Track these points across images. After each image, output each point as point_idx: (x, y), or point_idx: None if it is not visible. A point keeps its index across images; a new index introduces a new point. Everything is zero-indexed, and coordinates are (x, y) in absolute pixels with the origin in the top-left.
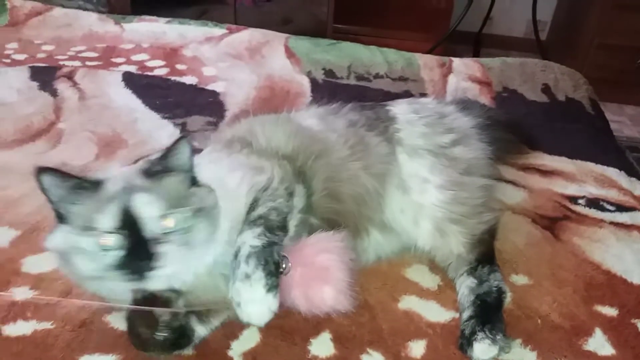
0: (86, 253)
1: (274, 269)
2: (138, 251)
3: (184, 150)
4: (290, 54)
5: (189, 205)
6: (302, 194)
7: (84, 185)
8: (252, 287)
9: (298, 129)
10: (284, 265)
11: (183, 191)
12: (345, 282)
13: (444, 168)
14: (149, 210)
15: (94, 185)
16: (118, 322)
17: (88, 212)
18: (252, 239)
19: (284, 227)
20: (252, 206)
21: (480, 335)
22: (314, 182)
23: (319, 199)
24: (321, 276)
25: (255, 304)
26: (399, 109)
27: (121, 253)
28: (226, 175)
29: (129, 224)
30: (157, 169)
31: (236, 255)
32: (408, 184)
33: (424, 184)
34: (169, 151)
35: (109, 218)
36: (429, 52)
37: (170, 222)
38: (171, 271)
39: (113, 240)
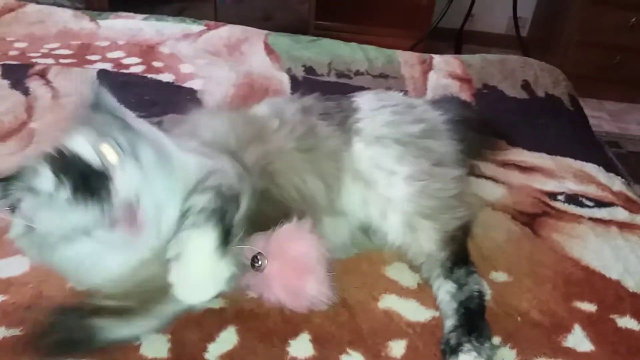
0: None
1: (226, 232)
2: (91, 194)
3: (103, 95)
4: (269, 50)
5: (126, 137)
6: (250, 185)
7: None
8: (200, 235)
9: (239, 118)
10: (259, 262)
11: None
12: (323, 271)
13: (414, 158)
14: (82, 141)
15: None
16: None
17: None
18: (201, 202)
19: (236, 201)
20: (202, 179)
21: (466, 346)
22: (258, 178)
23: (262, 190)
24: (299, 267)
25: (198, 265)
26: (363, 99)
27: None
28: (173, 151)
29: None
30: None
31: (182, 217)
32: (372, 177)
33: (390, 177)
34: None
35: (45, 176)
36: (411, 48)
37: (109, 150)
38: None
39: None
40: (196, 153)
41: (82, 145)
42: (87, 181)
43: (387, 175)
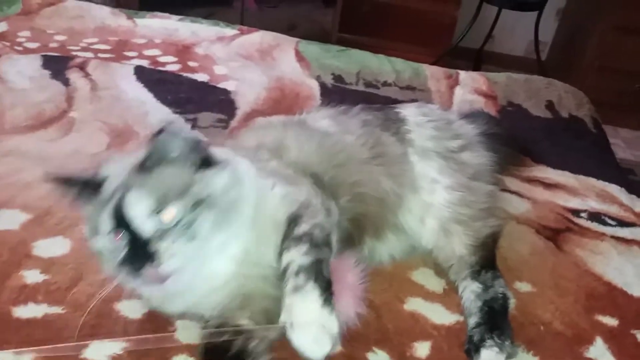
0: (103, 255)
1: (326, 284)
2: (137, 251)
3: (170, 139)
4: (300, 57)
5: (191, 194)
6: (336, 210)
7: (88, 187)
8: (305, 298)
9: (322, 141)
10: None
11: (185, 179)
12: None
13: (453, 172)
14: (138, 208)
15: (96, 186)
16: (128, 310)
17: (94, 215)
18: (300, 256)
19: (328, 244)
20: (294, 221)
21: (489, 342)
22: (340, 190)
23: (345, 203)
24: (346, 290)
25: (311, 325)
26: (407, 111)
27: (124, 253)
28: (256, 177)
29: (125, 224)
30: (150, 162)
31: (284, 274)
32: (418, 184)
33: (433, 184)
34: (153, 145)
35: (106, 220)
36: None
37: (168, 216)
38: (175, 267)
39: (114, 241)
40: (279, 178)
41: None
42: (136, 249)
43: (430, 183)
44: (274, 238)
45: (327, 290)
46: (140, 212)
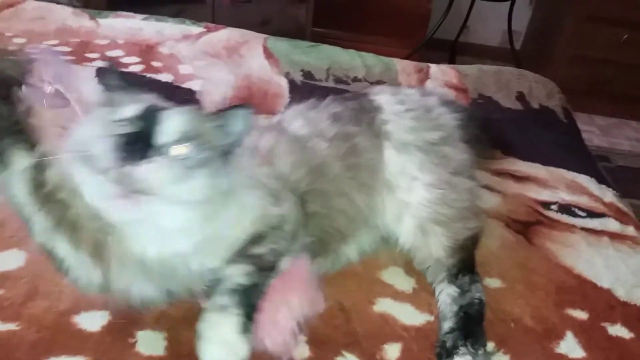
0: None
1: (252, 313)
2: (141, 138)
3: (242, 121)
4: (268, 54)
5: (207, 156)
6: (303, 236)
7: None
8: (226, 321)
9: (302, 152)
10: None
11: (215, 141)
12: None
13: (434, 167)
14: (173, 124)
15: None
16: (86, 323)
17: (120, 98)
18: (239, 275)
19: (274, 269)
20: (256, 241)
21: (462, 350)
22: (312, 202)
23: (315, 216)
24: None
25: (223, 345)
26: (383, 98)
27: (127, 129)
28: (241, 187)
29: (147, 119)
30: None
31: (216, 285)
32: (395, 182)
33: (412, 182)
34: (226, 114)
35: (133, 108)
36: (406, 58)
37: (181, 149)
38: (151, 187)
39: (127, 117)
40: (264, 190)
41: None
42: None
43: (409, 180)
44: (230, 242)
45: (250, 319)
46: (171, 127)
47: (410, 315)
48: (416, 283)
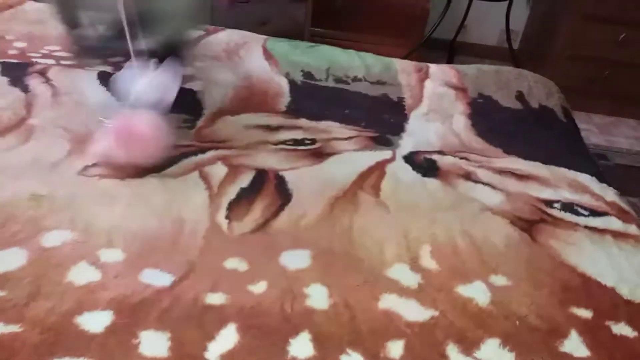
0: None
1: None
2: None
3: None
4: (268, 55)
5: None
6: None
7: None
8: None
9: None
10: None
11: None
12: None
13: None
14: None
15: None
16: (89, 325)
17: None
18: None
19: None
20: None
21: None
22: None
23: None
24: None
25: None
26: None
27: None
28: None
29: None
30: None
31: None
32: None
33: None
34: None
35: None
36: (405, 58)
37: None
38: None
39: None
40: None
41: None
42: None
43: None
44: None
45: None
46: None
47: (414, 312)
48: (422, 279)
